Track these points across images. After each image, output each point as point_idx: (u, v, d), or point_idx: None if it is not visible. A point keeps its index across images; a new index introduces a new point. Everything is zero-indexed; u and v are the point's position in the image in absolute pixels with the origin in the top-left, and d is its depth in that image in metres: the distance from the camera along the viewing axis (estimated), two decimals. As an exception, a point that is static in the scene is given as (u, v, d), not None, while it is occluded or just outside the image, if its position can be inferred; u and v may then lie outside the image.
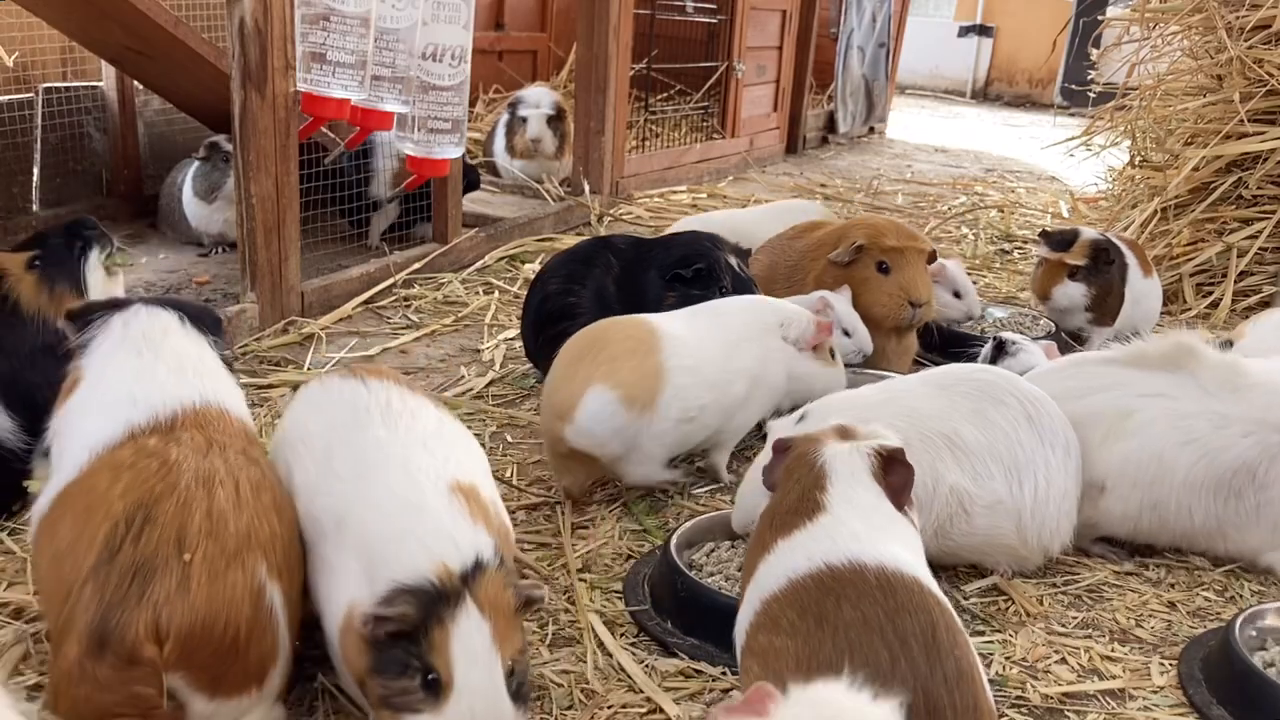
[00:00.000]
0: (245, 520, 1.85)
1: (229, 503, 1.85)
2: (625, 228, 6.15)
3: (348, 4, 3.41)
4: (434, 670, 1.70)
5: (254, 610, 1.77)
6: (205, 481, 1.86)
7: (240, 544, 1.81)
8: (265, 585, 1.80)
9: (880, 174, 8.67)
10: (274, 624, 1.81)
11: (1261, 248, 5.19)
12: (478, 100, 8.17)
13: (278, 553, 1.87)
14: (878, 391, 2.75)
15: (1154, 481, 2.71)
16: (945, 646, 1.65)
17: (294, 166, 4.01)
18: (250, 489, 1.91)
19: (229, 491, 1.87)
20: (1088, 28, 8.90)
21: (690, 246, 3.57)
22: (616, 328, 2.93)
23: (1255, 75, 5.26)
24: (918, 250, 3.78)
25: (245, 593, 1.77)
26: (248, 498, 1.88)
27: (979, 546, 2.62)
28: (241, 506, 1.86)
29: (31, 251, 2.83)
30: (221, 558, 1.76)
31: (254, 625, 1.77)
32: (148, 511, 1.78)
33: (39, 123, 5.02)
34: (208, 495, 1.83)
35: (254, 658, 1.78)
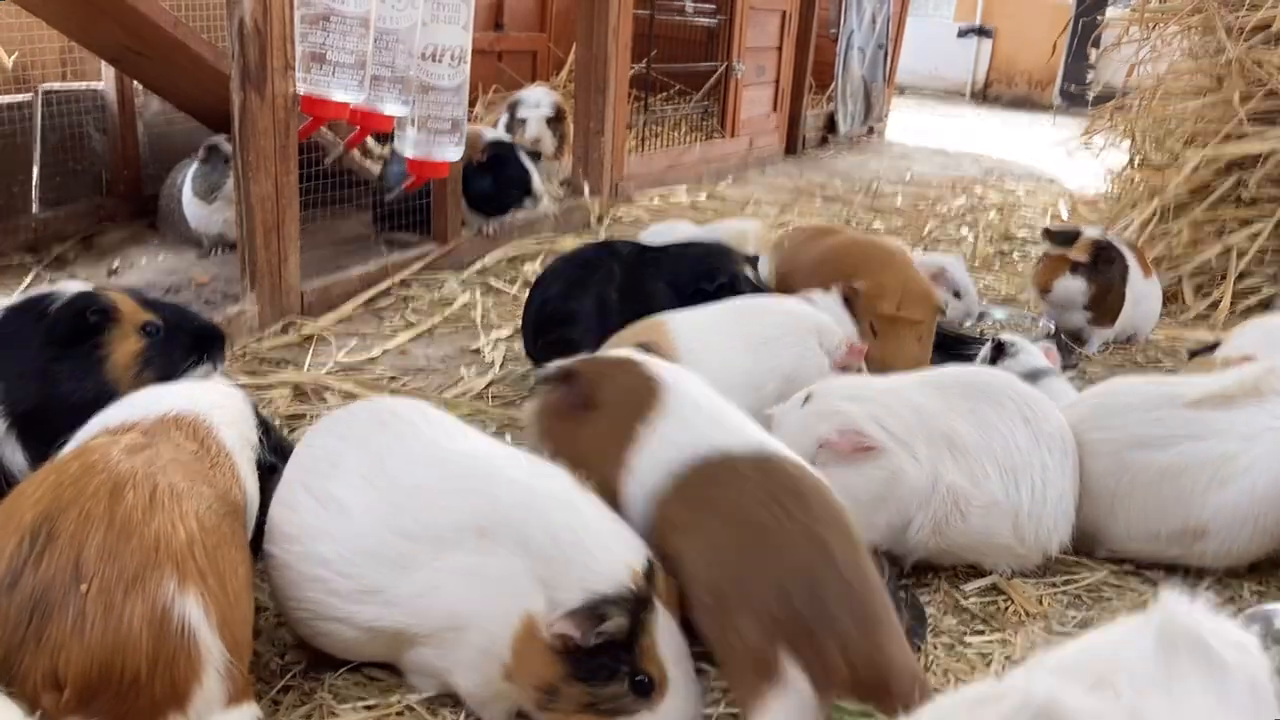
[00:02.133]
0: (155, 528, 1.77)
1: (139, 509, 1.78)
2: (625, 229, 6.15)
3: (347, 4, 3.41)
4: (643, 673, 1.80)
5: (156, 641, 1.69)
6: (116, 487, 1.80)
7: (144, 561, 1.72)
8: (172, 605, 1.72)
9: (880, 175, 8.68)
10: (187, 643, 1.73)
11: (1261, 248, 5.19)
12: (477, 101, 8.16)
13: (199, 556, 1.79)
14: (884, 381, 2.73)
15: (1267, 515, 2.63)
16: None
17: (293, 167, 4.01)
18: (168, 491, 1.84)
19: (140, 496, 1.80)
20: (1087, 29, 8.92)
21: (710, 260, 3.53)
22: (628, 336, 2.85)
23: (1255, 76, 5.26)
24: (911, 322, 3.59)
25: (144, 624, 1.69)
26: (163, 500, 1.81)
27: (975, 546, 2.62)
28: (154, 511, 1.79)
29: (154, 316, 2.60)
30: (120, 585, 1.69)
31: (157, 657, 1.70)
32: (51, 525, 1.73)
33: (38, 123, 5.02)
34: (113, 504, 1.77)
35: (161, 688, 1.71)
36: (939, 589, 2.67)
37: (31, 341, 2.43)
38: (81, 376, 2.38)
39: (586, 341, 3.49)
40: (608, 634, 1.77)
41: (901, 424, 2.47)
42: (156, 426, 2.07)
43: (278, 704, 2.07)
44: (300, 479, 2.09)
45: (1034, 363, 3.41)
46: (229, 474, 2.10)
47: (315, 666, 2.18)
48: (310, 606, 2.02)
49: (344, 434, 2.13)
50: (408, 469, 2.02)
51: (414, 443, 2.08)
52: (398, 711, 2.05)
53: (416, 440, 2.08)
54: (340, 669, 2.16)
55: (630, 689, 1.79)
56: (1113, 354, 4.65)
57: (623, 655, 1.79)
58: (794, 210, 6.97)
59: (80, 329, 2.47)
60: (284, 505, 2.08)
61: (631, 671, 1.79)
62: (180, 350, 2.62)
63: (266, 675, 2.15)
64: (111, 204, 5.34)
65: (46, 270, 4.58)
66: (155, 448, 1.97)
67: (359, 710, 2.05)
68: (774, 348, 2.99)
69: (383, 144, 6.42)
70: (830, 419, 2.46)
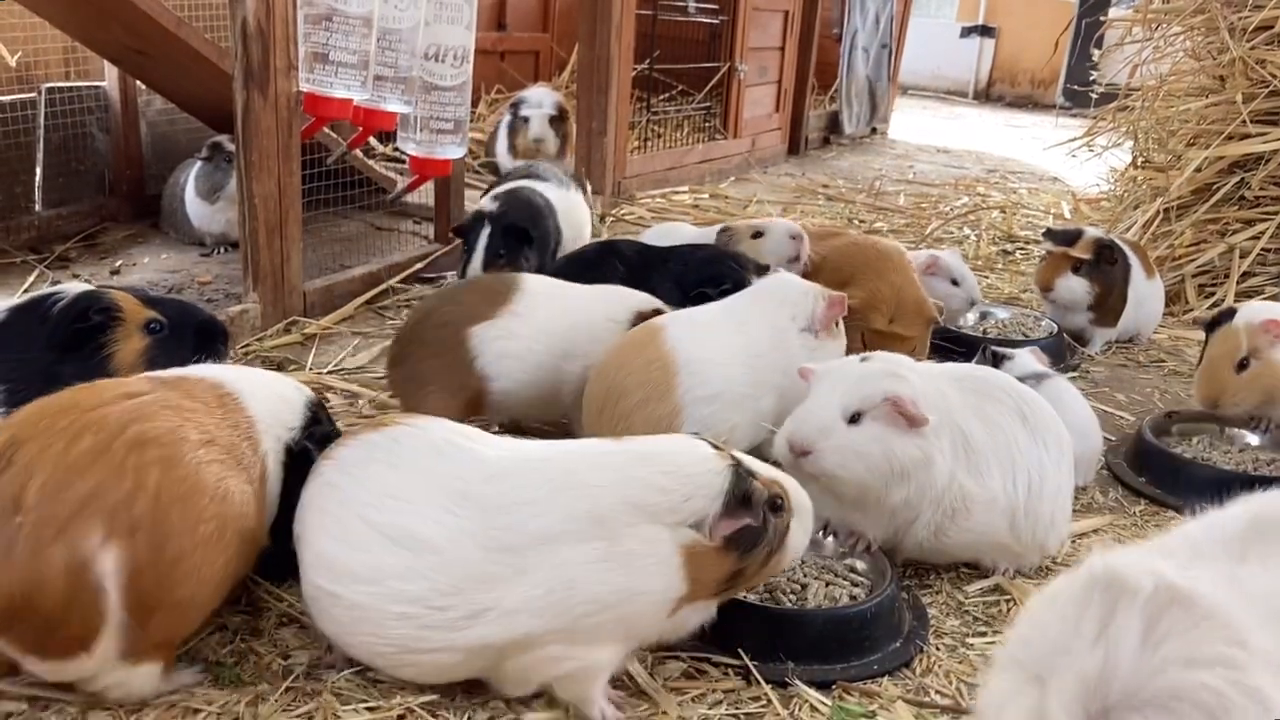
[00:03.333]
0: (96, 480, 1.84)
1: (90, 454, 1.86)
2: (627, 228, 6.14)
3: (350, 4, 3.41)
4: (776, 496, 2.10)
5: (69, 588, 1.80)
6: (81, 429, 1.88)
7: (75, 510, 1.81)
8: (92, 558, 1.81)
9: (882, 174, 8.67)
10: (99, 596, 1.82)
11: (1264, 249, 5.19)
12: (480, 101, 8.17)
13: (138, 509, 1.85)
14: (921, 367, 2.70)
15: None
16: None
17: (296, 166, 4.02)
18: (134, 437, 1.90)
19: (97, 441, 1.87)
20: (1090, 28, 8.90)
21: (716, 264, 3.55)
22: (630, 369, 2.81)
23: (1258, 76, 5.26)
24: (903, 338, 3.62)
25: (62, 571, 1.79)
26: (119, 452, 1.87)
27: (973, 544, 2.62)
28: (100, 461, 1.86)
29: (156, 313, 2.62)
30: (50, 528, 1.80)
31: (70, 603, 1.80)
32: (14, 452, 1.85)
33: (41, 122, 5.02)
34: (70, 445, 1.86)
35: (73, 631, 1.83)
36: (941, 590, 2.67)
37: (35, 342, 2.44)
38: (85, 377, 2.38)
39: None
40: (757, 502, 2.05)
41: (936, 415, 2.47)
42: (179, 380, 2.15)
43: (279, 704, 2.07)
44: (359, 514, 2.00)
45: (1033, 366, 3.40)
46: (243, 434, 2.12)
47: (317, 668, 2.18)
48: (398, 643, 1.97)
49: (395, 463, 2.05)
50: (489, 485, 2.01)
51: (480, 464, 2.06)
52: (399, 715, 2.05)
53: (475, 458, 2.07)
54: (343, 670, 2.16)
55: (775, 515, 2.09)
56: (1115, 354, 4.65)
57: (752, 505, 2.05)
58: (797, 210, 6.96)
59: (83, 329, 2.48)
60: (345, 543, 1.99)
61: (769, 504, 2.08)
62: (184, 346, 2.63)
63: (269, 676, 2.15)
64: (114, 203, 5.35)
65: (49, 269, 4.58)
66: (156, 393, 2.04)
67: (361, 712, 2.05)
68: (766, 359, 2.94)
69: (385, 144, 6.45)
70: (897, 382, 2.45)
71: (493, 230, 4.00)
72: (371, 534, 1.98)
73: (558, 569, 1.95)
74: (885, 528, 2.54)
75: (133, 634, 1.88)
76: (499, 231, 4.00)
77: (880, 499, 2.46)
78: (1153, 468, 3.36)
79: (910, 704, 2.20)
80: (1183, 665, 1.24)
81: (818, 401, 2.48)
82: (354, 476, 2.06)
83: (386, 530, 1.98)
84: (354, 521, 2.00)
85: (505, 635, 1.96)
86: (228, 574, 2.04)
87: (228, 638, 2.26)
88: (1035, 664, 1.35)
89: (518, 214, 4.16)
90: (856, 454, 2.41)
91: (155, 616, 1.90)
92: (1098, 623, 1.31)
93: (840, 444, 2.42)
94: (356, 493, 2.03)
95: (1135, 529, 3.07)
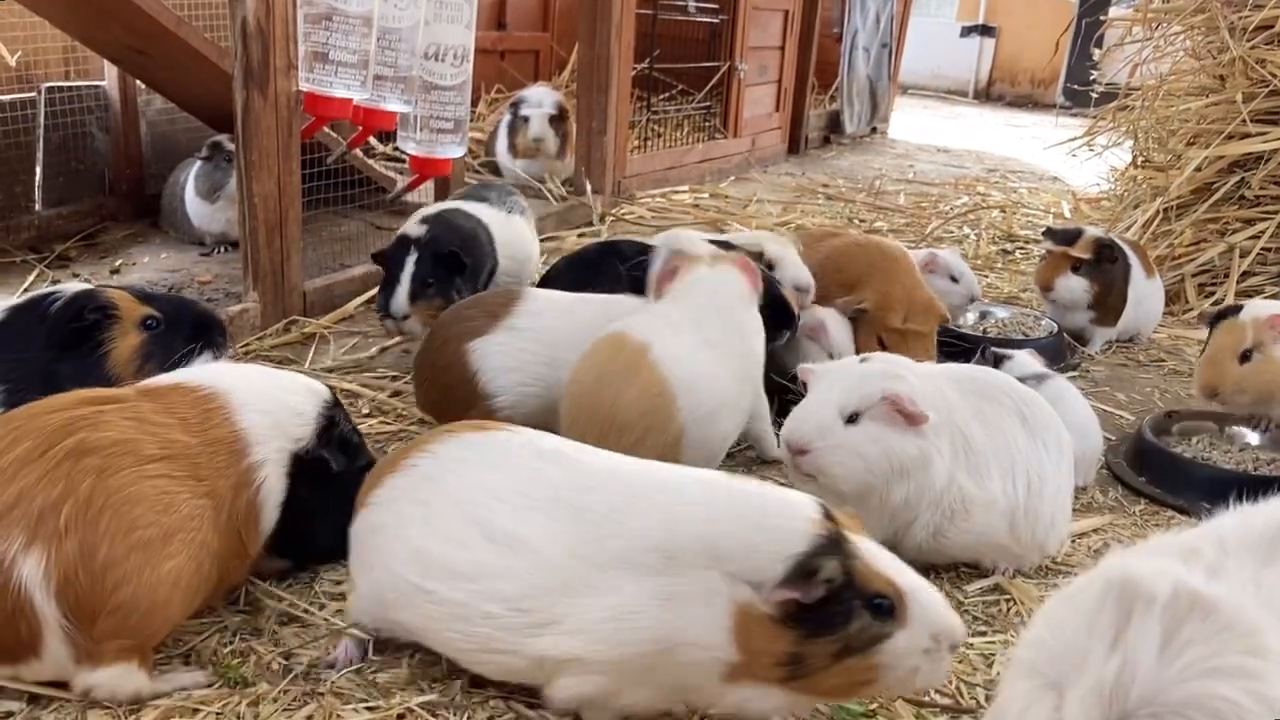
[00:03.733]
0: (22, 485, 1.86)
1: (18, 461, 1.88)
2: (627, 228, 6.15)
3: (350, 3, 3.41)
4: (876, 595, 1.83)
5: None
6: (15, 437, 1.91)
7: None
8: (13, 564, 1.82)
9: (882, 174, 8.67)
10: (25, 603, 1.84)
11: (1264, 248, 5.19)
12: (480, 100, 8.16)
13: (66, 516, 1.86)
14: (920, 368, 2.70)
15: None
16: None
17: (296, 166, 4.01)
18: (74, 446, 1.91)
19: (29, 448, 1.89)
20: (1090, 28, 8.91)
21: None
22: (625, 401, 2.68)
23: (1258, 75, 5.26)
24: (920, 334, 3.64)
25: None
26: (54, 457, 1.89)
27: (972, 545, 2.62)
28: (30, 467, 1.88)
29: (152, 309, 2.62)
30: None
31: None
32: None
33: (41, 122, 5.02)
34: (3, 450, 1.89)
35: (9, 637, 1.86)
36: (941, 589, 2.64)
37: (35, 342, 2.45)
38: (83, 375, 2.39)
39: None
40: (827, 580, 1.81)
41: (936, 416, 2.47)
42: (167, 390, 2.17)
43: (279, 704, 2.07)
44: (464, 512, 2.00)
45: (1033, 367, 3.40)
46: (222, 448, 2.12)
47: (316, 668, 2.19)
48: (479, 640, 1.98)
49: (497, 463, 2.05)
50: (583, 496, 1.99)
51: (579, 473, 2.04)
52: (399, 714, 2.05)
53: (579, 469, 2.04)
54: (343, 670, 2.16)
55: (872, 616, 1.82)
56: (1115, 354, 4.65)
57: (847, 592, 1.82)
58: (797, 210, 6.96)
59: (80, 328, 2.49)
60: (450, 541, 1.98)
61: (865, 600, 1.82)
62: (180, 339, 2.64)
63: (269, 675, 2.15)
64: (114, 203, 5.34)
65: (49, 269, 4.58)
66: (124, 403, 2.06)
67: (361, 712, 2.05)
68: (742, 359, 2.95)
69: (385, 143, 6.44)
70: (896, 381, 2.45)
71: (420, 257, 3.61)
72: (474, 533, 1.97)
73: (622, 597, 1.89)
74: (885, 529, 2.54)
75: (80, 639, 1.90)
76: (427, 258, 3.61)
77: (880, 499, 2.47)
78: (1153, 468, 3.36)
79: (910, 703, 2.20)
80: (1202, 675, 1.24)
81: (816, 401, 2.48)
82: (457, 474, 2.04)
83: (486, 530, 1.97)
84: (457, 519, 1.99)
85: (560, 652, 1.92)
86: (182, 578, 2.00)
87: (228, 638, 2.26)
88: (1052, 669, 1.34)
89: (448, 239, 3.71)
90: (854, 453, 2.41)
91: (100, 620, 1.90)
92: (1114, 629, 1.30)
93: (837, 443, 2.42)
94: (460, 490, 2.02)
95: (1135, 529, 3.07)
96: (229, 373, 2.32)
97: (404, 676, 2.16)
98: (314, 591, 2.45)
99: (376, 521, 2.08)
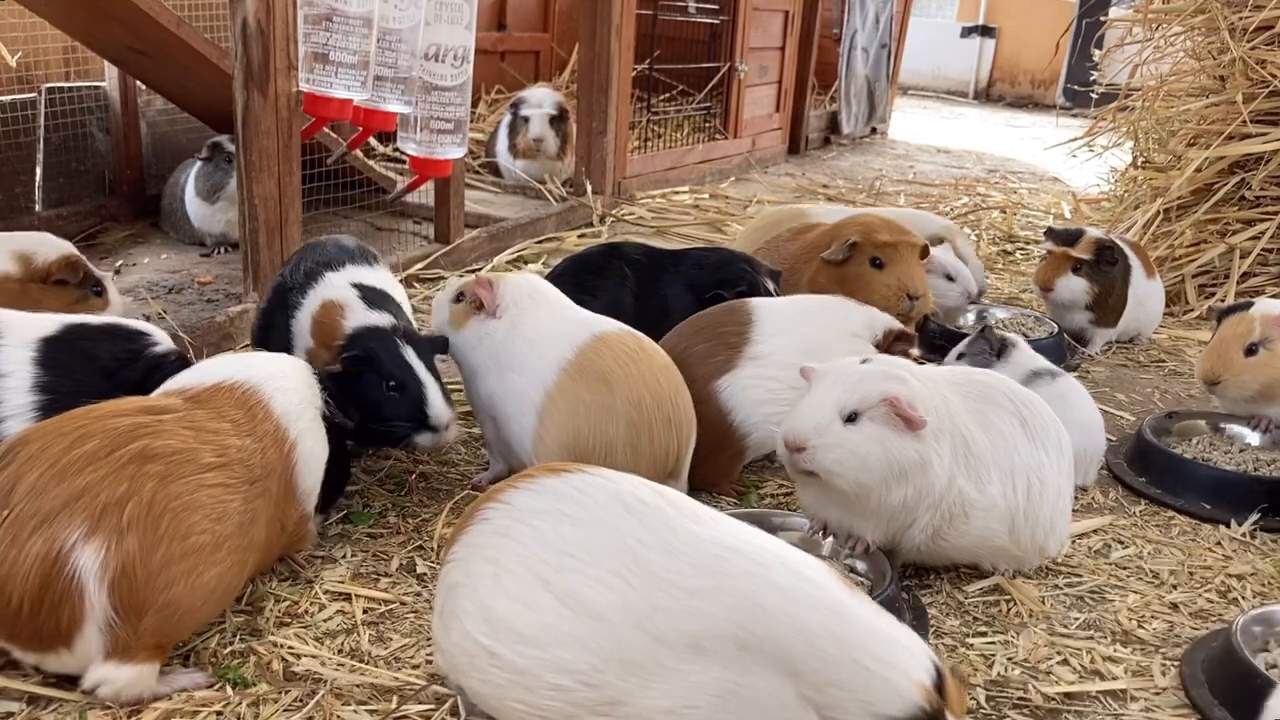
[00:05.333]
0: (88, 480, 1.91)
1: (82, 458, 1.92)
2: (628, 228, 6.15)
3: (350, 4, 3.41)
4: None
5: (43, 580, 1.86)
6: (82, 435, 1.96)
7: (60, 505, 1.88)
8: (70, 553, 1.87)
9: (882, 174, 8.67)
10: (77, 590, 1.88)
11: (1265, 249, 5.19)
12: (480, 101, 8.17)
13: (130, 512, 1.92)
14: (922, 370, 2.69)
15: None
16: None
17: (296, 167, 4.01)
18: (138, 450, 1.97)
19: (95, 447, 1.94)
20: (1090, 29, 8.91)
21: (730, 267, 3.55)
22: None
23: (1258, 76, 5.26)
24: (910, 244, 3.77)
25: (36, 564, 1.86)
26: (119, 459, 1.94)
27: (972, 548, 2.62)
28: (97, 464, 1.93)
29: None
30: (32, 521, 1.87)
31: (42, 595, 1.87)
32: (18, 450, 1.94)
33: (42, 122, 5.02)
34: (68, 449, 1.94)
35: (48, 622, 1.89)
36: (941, 590, 2.67)
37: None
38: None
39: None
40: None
41: (936, 419, 2.47)
42: (212, 394, 2.26)
43: (279, 704, 2.07)
44: (536, 572, 1.83)
45: (1041, 362, 3.40)
46: (270, 440, 2.26)
47: (319, 668, 2.18)
48: (543, 714, 1.82)
49: (580, 517, 1.87)
50: (664, 561, 1.78)
51: (666, 531, 1.83)
52: (398, 718, 2.05)
53: (668, 527, 1.83)
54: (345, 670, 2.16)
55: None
56: (1115, 354, 4.65)
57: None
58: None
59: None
60: (517, 600, 1.83)
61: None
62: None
63: (270, 677, 2.15)
64: (114, 203, 5.34)
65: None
66: (180, 412, 2.14)
67: (361, 714, 2.05)
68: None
69: (385, 144, 6.45)
70: (896, 383, 2.44)
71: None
72: (546, 595, 1.81)
73: (690, 687, 1.71)
74: (883, 530, 2.54)
75: (122, 633, 1.93)
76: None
77: (878, 500, 2.46)
78: (1153, 468, 3.36)
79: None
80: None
81: (815, 399, 2.48)
82: (534, 528, 1.88)
83: (558, 591, 1.81)
84: (529, 579, 1.84)
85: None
86: (224, 583, 2.10)
87: (228, 638, 2.26)
88: None
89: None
90: (851, 452, 2.41)
91: (146, 617, 1.95)
92: None
93: (835, 442, 2.41)
94: (535, 548, 1.85)
95: (1135, 529, 3.07)
96: (249, 364, 2.40)
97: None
98: (314, 591, 2.45)
99: (452, 580, 1.95)
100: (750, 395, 3.02)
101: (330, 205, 4.87)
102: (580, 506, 1.88)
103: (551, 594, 1.81)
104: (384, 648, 2.28)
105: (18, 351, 2.43)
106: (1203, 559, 2.90)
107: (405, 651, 2.27)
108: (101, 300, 3.34)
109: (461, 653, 1.90)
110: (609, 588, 1.78)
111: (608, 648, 1.76)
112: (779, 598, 1.72)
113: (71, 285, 3.26)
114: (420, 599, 2.46)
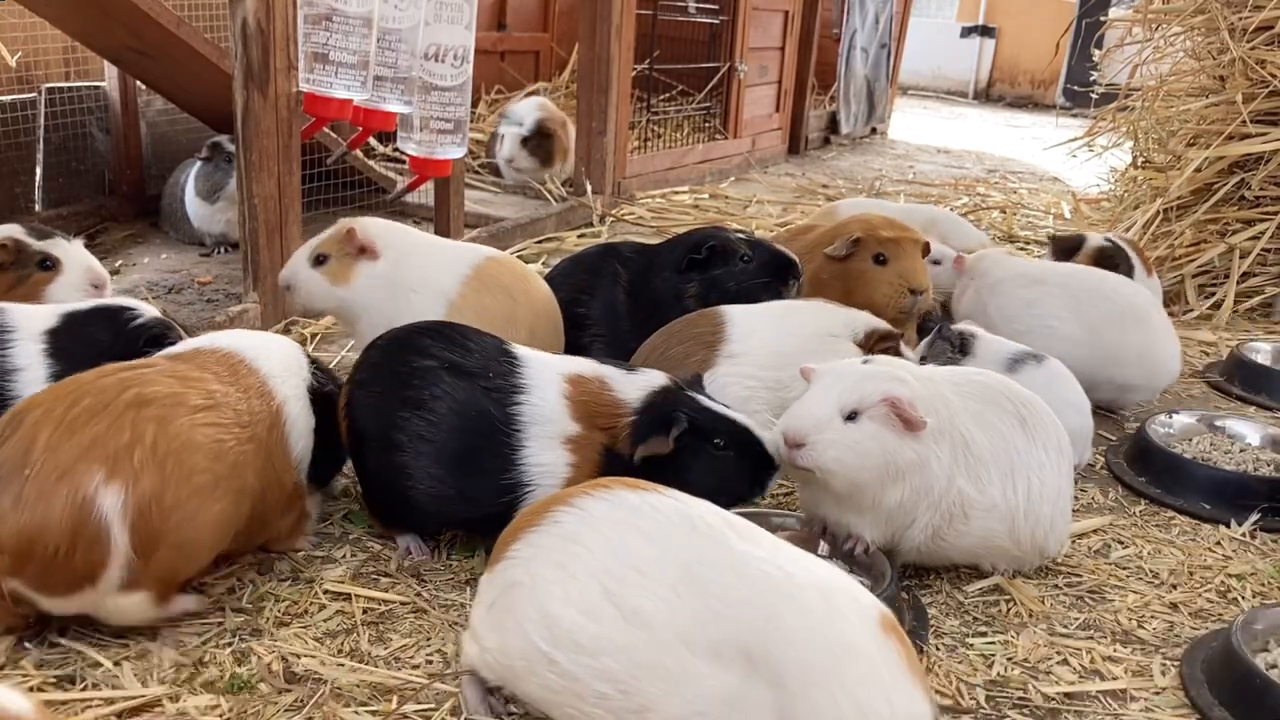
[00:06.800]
0: (95, 431, 2.04)
1: (87, 414, 2.06)
2: (627, 228, 6.15)
3: (350, 4, 3.41)
4: None
5: (75, 524, 1.99)
6: (76, 396, 2.09)
7: (78, 456, 2.01)
8: (95, 496, 2.00)
9: (882, 175, 8.67)
10: (103, 530, 2.01)
11: (1264, 249, 5.19)
12: (480, 101, 8.17)
13: (138, 457, 2.05)
14: (923, 371, 2.70)
15: None
16: None
17: (296, 167, 4.01)
18: (133, 399, 2.09)
19: (92, 403, 2.07)
20: (1090, 29, 8.91)
21: (697, 233, 3.62)
22: None
23: (1258, 76, 5.26)
24: (912, 240, 3.80)
25: (66, 507, 1.98)
26: (116, 408, 2.07)
27: (972, 548, 2.62)
28: (99, 416, 2.06)
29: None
30: (55, 472, 1.99)
31: (75, 538, 1.99)
32: (22, 418, 2.06)
33: (41, 122, 5.03)
34: (69, 407, 2.06)
35: (79, 564, 2.01)
36: (941, 590, 2.67)
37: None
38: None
39: (596, 345, 3.50)
40: None
41: (936, 420, 2.47)
42: (193, 353, 2.40)
43: (279, 704, 2.07)
44: (602, 583, 1.83)
45: (1016, 347, 3.40)
46: (254, 393, 2.37)
47: (319, 668, 2.19)
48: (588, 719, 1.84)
49: (650, 532, 1.86)
50: (708, 573, 1.78)
51: (719, 546, 1.82)
52: (399, 715, 2.05)
53: (721, 544, 1.83)
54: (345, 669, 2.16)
55: None
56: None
57: None
58: (797, 210, 6.96)
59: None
60: (582, 612, 1.83)
61: None
62: None
63: (269, 675, 2.15)
64: (114, 203, 5.35)
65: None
66: (161, 365, 2.28)
67: (361, 714, 2.05)
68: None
69: (385, 144, 6.45)
70: (896, 384, 2.44)
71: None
72: (609, 607, 1.81)
73: (701, 695, 1.71)
74: (882, 530, 2.54)
75: (137, 568, 2.06)
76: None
77: (873, 499, 2.46)
78: (1153, 468, 3.36)
79: (910, 704, 2.20)
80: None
81: (815, 397, 2.48)
82: (605, 537, 1.88)
83: (621, 605, 1.80)
84: (595, 589, 1.83)
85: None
86: (223, 521, 2.22)
87: (228, 638, 2.26)
88: None
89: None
90: (850, 450, 2.41)
91: (158, 553, 2.08)
92: None
93: (834, 439, 2.41)
94: (604, 558, 1.85)
95: (1135, 529, 3.07)
96: (230, 337, 2.54)
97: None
98: (314, 591, 2.45)
99: (512, 578, 1.93)
100: (729, 393, 3.01)
101: (330, 205, 4.87)
102: (652, 522, 1.87)
103: (613, 605, 1.81)
104: (384, 648, 2.28)
105: (30, 345, 2.56)
106: (1203, 559, 2.90)
107: (405, 651, 2.27)
108: (53, 271, 3.17)
109: (519, 655, 1.90)
110: (665, 602, 1.78)
111: (648, 656, 1.76)
112: (799, 616, 1.69)
113: (9, 267, 3.10)
114: (420, 599, 2.46)
